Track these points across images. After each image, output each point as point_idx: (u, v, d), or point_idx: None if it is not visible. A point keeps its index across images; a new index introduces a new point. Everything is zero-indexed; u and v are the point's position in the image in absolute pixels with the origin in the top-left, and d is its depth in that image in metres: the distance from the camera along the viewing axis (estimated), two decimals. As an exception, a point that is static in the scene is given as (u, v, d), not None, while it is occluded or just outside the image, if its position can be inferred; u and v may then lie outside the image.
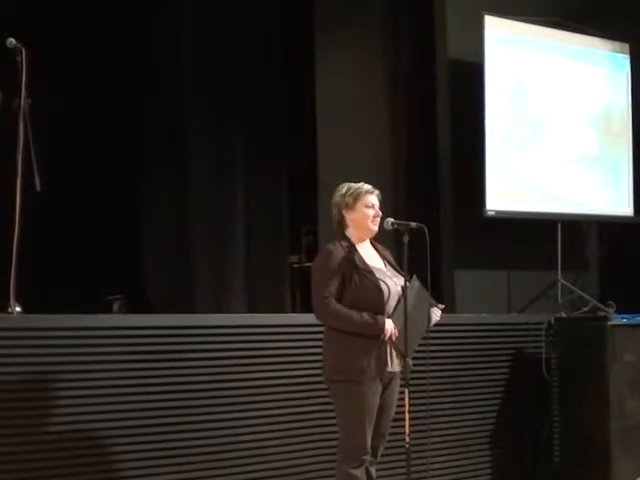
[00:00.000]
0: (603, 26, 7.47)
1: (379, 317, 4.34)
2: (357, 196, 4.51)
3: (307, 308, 4.53)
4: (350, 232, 4.54)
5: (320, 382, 4.60)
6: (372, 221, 4.52)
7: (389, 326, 4.35)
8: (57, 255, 6.31)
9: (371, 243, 4.63)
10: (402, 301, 4.39)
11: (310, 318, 4.55)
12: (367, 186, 4.57)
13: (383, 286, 4.40)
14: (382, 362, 4.36)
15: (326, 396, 4.61)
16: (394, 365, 4.42)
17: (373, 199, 4.53)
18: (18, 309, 4.63)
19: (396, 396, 4.56)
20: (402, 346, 4.38)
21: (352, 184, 4.58)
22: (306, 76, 7.32)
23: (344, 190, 4.56)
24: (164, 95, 6.94)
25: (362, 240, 4.55)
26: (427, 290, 4.50)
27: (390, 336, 4.35)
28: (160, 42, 6.98)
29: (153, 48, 6.99)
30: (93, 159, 6.66)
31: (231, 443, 5.12)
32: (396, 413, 4.59)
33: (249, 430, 5.19)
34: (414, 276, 4.48)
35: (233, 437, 5.13)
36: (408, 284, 4.42)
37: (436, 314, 4.58)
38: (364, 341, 4.32)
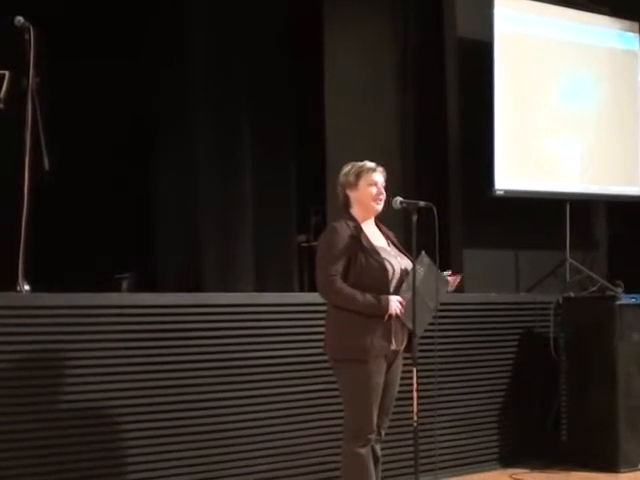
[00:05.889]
0: (613, 4, 7.45)
1: (382, 297, 4.30)
2: (359, 174, 4.48)
3: (315, 287, 4.52)
4: (355, 211, 4.51)
5: (328, 361, 4.60)
6: (375, 200, 4.47)
7: (394, 304, 4.31)
8: (66, 233, 6.31)
9: (375, 223, 4.59)
10: (410, 276, 4.36)
11: (318, 297, 4.55)
12: (370, 164, 4.53)
13: (388, 265, 4.37)
14: (386, 340, 4.32)
15: (333, 375, 4.62)
16: (398, 343, 4.39)
17: (377, 177, 4.49)
18: (27, 287, 4.65)
19: (399, 373, 4.52)
20: (410, 323, 4.35)
21: (356, 163, 4.55)
22: (314, 55, 7.28)
23: (347, 169, 4.53)
24: (173, 80, 6.94)
25: (367, 219, 4.51)
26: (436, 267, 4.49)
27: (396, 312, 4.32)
28: (165, 32, 6.96)
29: (159, 40, 6.96)
30: (104, 140, 6.66)
31: (236, 421, 5.15)
32: (404, 392, 4.57)
33: (256, 408, 5.22)
34: (423, 252, 4.45)
35: (239, 415, 5.16)
36: (417, 262, 4.40)
37: (448, 283, 4.55)
38: (368, 320, 4.29)
